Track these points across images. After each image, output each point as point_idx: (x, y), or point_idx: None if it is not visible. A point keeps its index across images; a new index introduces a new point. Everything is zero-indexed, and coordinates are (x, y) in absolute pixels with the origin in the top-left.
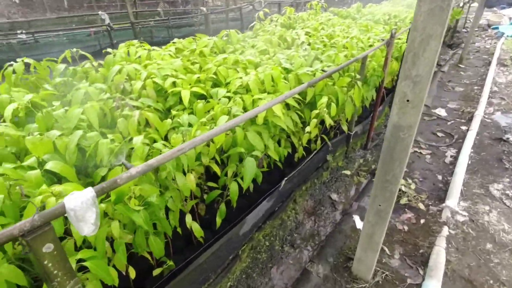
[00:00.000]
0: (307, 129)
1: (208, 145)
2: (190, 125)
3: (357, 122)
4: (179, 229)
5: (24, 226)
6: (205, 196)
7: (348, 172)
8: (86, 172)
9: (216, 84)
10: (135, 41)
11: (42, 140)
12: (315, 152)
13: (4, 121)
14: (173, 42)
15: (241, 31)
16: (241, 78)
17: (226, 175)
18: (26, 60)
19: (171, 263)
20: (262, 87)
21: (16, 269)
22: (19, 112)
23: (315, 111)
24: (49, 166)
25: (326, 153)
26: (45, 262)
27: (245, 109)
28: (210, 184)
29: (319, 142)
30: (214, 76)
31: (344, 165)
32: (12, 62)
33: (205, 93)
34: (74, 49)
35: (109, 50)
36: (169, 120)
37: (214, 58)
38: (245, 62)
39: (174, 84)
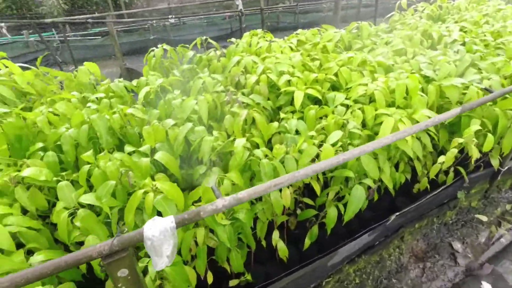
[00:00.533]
0: (440, 159)
1: (313, 160)
2: (297, 132)
3: None
4: (263, 242)
5: (103, 250)
6: (298, 211)
7: (484, 218)
8: (189, 163)
9: (335, 87)
10: (259, 31)
11: (157, 129)
12: (442, 188)
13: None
14: (296, 33)
15: (374, 20)
16: (366, 84)
17: (327, 195)
18: (165, 46)
19: (249, 277)
20: (391, 98)
21: None
22: (151, 94)
23: (458, 139)
24: (157, 156)
25: (457, 188)
26: (119, 285)
27: (363, 125)
28: (306, 200)
29: (451, 175)
30: (334, 78)
31: (480, 207)
32: (154, 48)
33: (320, 97)
34: (203, 37)
35: (232, 39)
36: (275, 124)
37: (337, 56)
38: (373, 64)
39: (288, 82)
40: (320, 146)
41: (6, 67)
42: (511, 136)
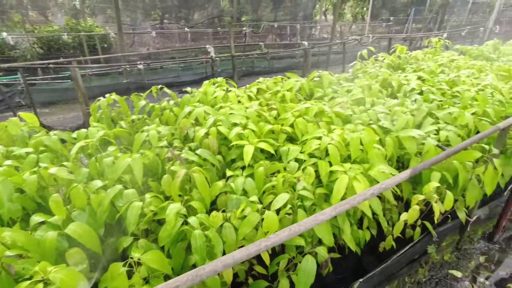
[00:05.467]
0: (403, 216)
1: (256, 228)
2: (245, 192)
3: (481, 202)
4: None
5: None
6: (250, 280)
7: (458, 274)
8: (120, 231)
9: (292, 139)
10: (219, 79)
11: (77, 193)
12: (411, 245)
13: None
14: (258, 82)
15: (343, 66)
16: (320, 138)
17: (278, 264)
18: (114, 96)
19: None
20: (347, 152)
21: None
22: (88, 149)
23: (419, 196)
24: (69, 229)
25: (426, 243)
26: None
27: (318, 182)
28: (258, 269)
29: (418, 230)
30: (290, 129)
31: (453, 261)
32: (100, 98)
33: (272, 151)
34: (161, 88)
35: (188, 89)
36: (220, 183)
37: (295, 105)
38: (331, 114)
39: (240, 135)
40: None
41: None
42: (473, 189)
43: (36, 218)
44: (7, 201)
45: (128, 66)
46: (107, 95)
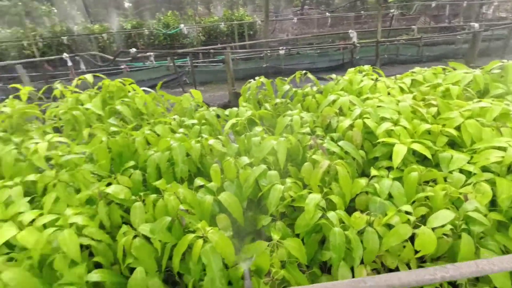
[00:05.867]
0: None
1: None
2: (390, 196)
3: None
4: None
5: None
6: None
7: None
8: (259, 207)
9: (455, 144)
10: (366, 67)
11: (228, 166)
12: None
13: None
14: (412, 72)
15: None
16: (503, 149)
17: None
18: (262, 79)
19: None
20: None
21: None
22: (237, 126)
23: None
24: (221, 197)
25: None
26: None
27: (493, 204)
28: None
29: None
30: (455, 132)
31: None
32: (251, 80)
33: (429, 156)
34: (305, 73)
35: (332, 76)
36: (362, 181)
37: (465, 104)
38: None
39: (389, 132)
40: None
41: (134, 90)
42: None
43: (198, 181)
44: (180, 162)
45: (269, 51)
46: (256, 78)
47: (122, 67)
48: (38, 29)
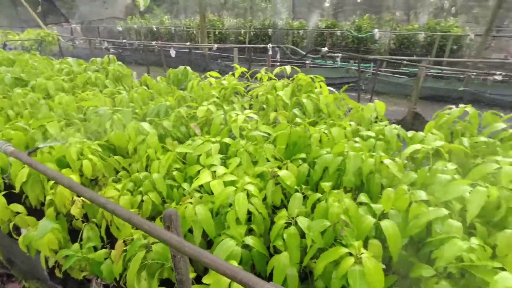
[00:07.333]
0: None
1: None
2: None
3: None
4: None
5: None
6: None
7: None
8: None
9: None
10: None
11: (400, 193)
12: None
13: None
14: None
15: None
16: None
17: None
18: (468, 108)
19: None
20: None
21: None
22: (419, 153)
23: None
24: (383, 223)
25: None
26: None
27: None
28: None
29: None
30: None
31: None
32: (452, 106)
33: None
34: None
35: None
36: None
37: None
38: None
39: None
40: None
41: (320, 87)
42: None
43: (362, 197)
44: (351, 173)
45: (474, 73)
46: (461, 105)
47: (307, 62)
48: (253, 21)
